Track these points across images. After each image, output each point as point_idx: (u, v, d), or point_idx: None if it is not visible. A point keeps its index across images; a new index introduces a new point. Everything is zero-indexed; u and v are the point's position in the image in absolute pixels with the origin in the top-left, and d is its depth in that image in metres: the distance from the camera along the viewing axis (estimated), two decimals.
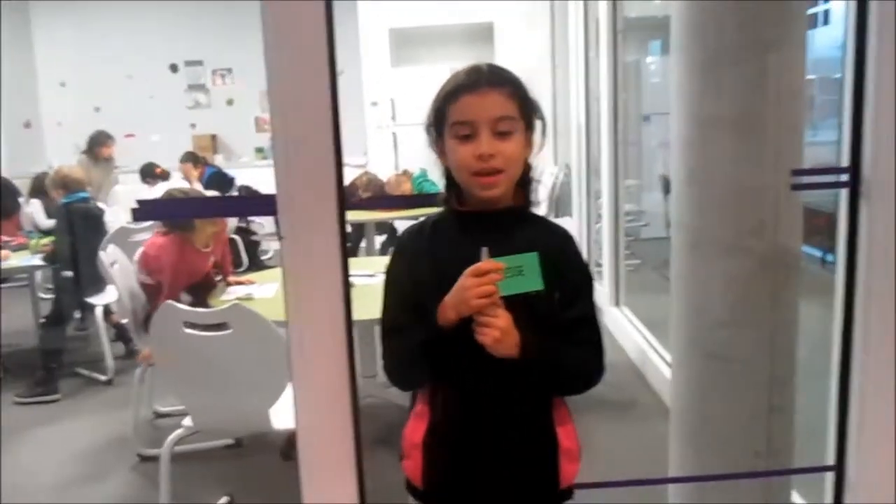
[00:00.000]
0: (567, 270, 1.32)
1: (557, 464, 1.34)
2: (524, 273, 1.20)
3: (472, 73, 1.27)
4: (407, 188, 5.51)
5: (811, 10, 6.08)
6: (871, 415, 1.45)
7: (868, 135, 1.38)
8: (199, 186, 6.17)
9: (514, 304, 1.21)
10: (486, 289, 1.19)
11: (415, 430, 1.37)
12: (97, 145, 6.63)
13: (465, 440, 1.32)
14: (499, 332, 1.19)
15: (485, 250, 1.20)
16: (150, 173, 6.75)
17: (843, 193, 1.48)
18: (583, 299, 1.34)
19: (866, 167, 1.40)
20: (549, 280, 1.22)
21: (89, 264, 3.69)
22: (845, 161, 1.45)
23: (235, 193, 6.46)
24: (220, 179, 6.68)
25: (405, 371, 1.36)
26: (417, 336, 1.27)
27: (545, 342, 1.26)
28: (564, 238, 1.37)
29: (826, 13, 6.25)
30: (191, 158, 6.74)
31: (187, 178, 6.58)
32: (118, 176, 7.18)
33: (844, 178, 1.45)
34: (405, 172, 5.62)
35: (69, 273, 4.14)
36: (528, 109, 1.29)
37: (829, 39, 6.32)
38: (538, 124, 1.32)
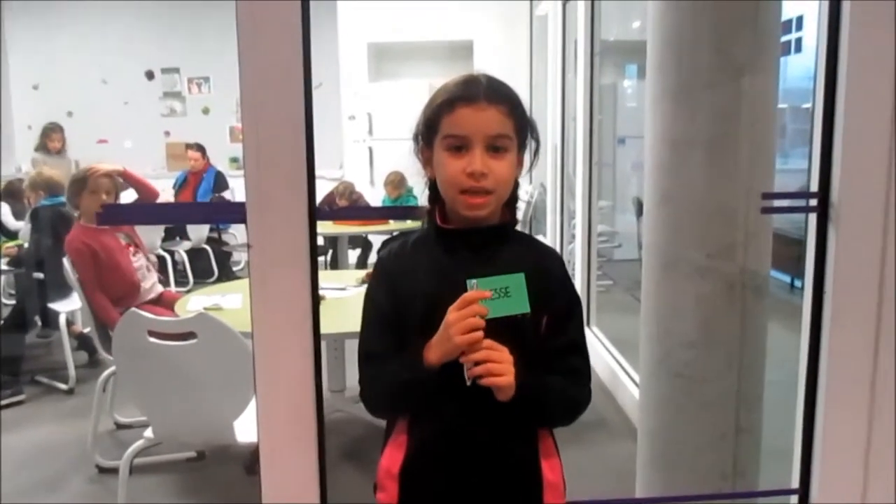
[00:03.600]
0: (556, 293, 1.25)
1: (541, 499, 1.28)
2: (510, 294, 1.13)
3: (471, 84, 1.20)
4: (396, 193, 5.54)
5: (784, 38, 6.22)
6: (835, 438, 1.45)
7: (837, 160, 1.40)
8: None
9: (500, 327, 1.15)
10: (471, 322, 1.12)
11: (391, 460, 1.29)
12: (45, 137, 6.57)
13: (444, 472, 1.25)
14: (512, 368, 1.14)
15: (473, 283, 1.14)
16: None
17: (812, 218, 1.50)
18: (572, 324, 1.27)
19: (835, 192, 1.41)
20: (537, 302, 1.16)
21: (57, 269, 3.64)
22: (814, 187, 1.47)
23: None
24: (223, 183, 6.84)
25: (384, 405, 1.30)
26: (401, 373, 1.21)
27: (538, 381, 1.21)
28: (553, 258, 1.31)
29: (798, 41, 6.39)
30: (199, 148, 6.90)
31: (191, 164, 6.88)
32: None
33: (813, 202, 1.47)
34: (403, 180, 5.67)
35: (40, 275, 4.06)
36: (523, 128, 1.23)
37: (799, 70, 6.45)
38: (531, 143, 1.26)
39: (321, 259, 6.03)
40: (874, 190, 1.39)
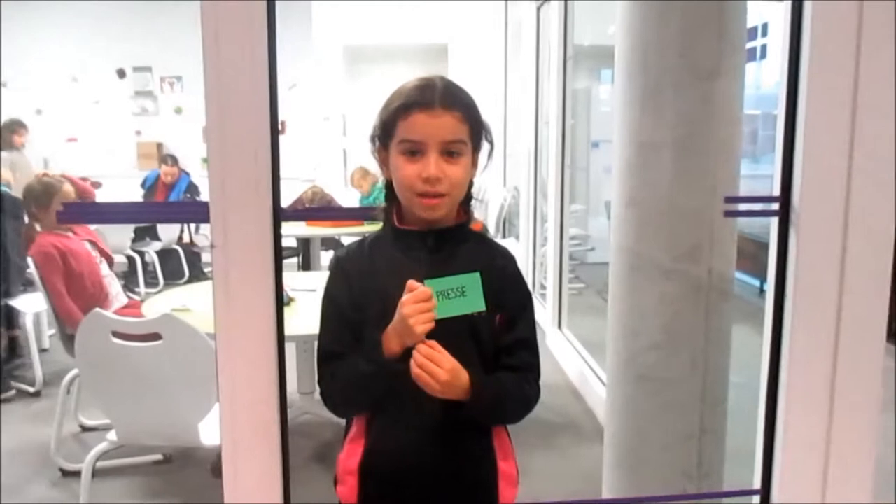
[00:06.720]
0: (509, 291, 1.28)
1: (496, 488, 1.31)
2: (466, 294, 1.16)
3: (426, 89, 1.21)
4: (366, 185, 5.49)
5: (750, 44, 6.32)
6: (796, 438, 1.47)
7: (798, 164, 1.42)
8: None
9: (457, 326, 1.17)
10: (429, 315, 1.14)
11: (350, 456, 1.31)
12: (10, 133, 6.46)
13: (402, 465, 1.27)
14: (446, 376, 1.15)
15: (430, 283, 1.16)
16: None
17: (774, 222, 1.51)
18: (524, 321, 1.30)
19: (796, 196, 1.43)
20: (491, 301, 1.18)
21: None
22: (777, 191, 1.49)
23: None
24: (194, 192, 6.69)
25: (345, 401, 1.31)
26: (360, 367, 1.21)
27: (492, 382, 1.24)
28: (506, 258, 1.33)
29: (764, 47, 6.50)
30: (166, 160, 6.82)
31: (167, 178, 6.74)
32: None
33: (775, 206, 1.49)
34: (366, 171, 5.59)
35: None
36: (478, 132, 1.25)
37: (774, 77, 6.57)
38: (485, 145, 1.28)
39: (293, 260, 5.99)
40: (834, 194, 1.40)
